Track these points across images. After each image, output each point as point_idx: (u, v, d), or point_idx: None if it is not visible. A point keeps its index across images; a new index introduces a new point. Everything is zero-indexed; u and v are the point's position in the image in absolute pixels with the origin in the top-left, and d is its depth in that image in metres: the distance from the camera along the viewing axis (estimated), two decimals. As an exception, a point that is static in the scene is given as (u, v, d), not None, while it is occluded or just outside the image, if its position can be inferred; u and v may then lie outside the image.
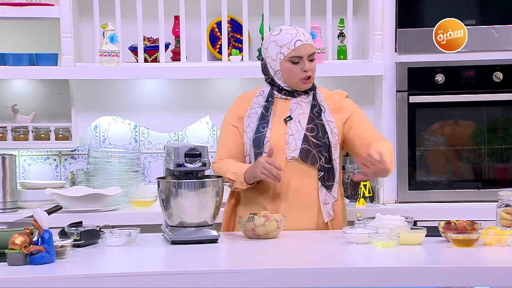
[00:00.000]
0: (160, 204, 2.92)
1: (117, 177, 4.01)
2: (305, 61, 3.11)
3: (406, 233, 2.75)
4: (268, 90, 3.21)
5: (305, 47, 3.11)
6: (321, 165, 3.11)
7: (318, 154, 3.11)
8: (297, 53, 3.11)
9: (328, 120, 3.15)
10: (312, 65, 3.14)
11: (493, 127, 3.96)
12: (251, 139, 3.15)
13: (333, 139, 3.14)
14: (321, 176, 3.11)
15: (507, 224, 2.87)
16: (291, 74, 3.13)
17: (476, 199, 3.85)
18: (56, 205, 2.83)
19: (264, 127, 3.15)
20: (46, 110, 4.23)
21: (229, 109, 3.28)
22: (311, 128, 3.13)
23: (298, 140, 3.12)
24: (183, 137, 4.30)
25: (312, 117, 3.14)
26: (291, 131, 3.13)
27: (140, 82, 4.22)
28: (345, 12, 4.02)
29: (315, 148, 3.11)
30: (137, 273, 2.40)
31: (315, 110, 3.15)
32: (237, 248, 2.84)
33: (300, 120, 3.14)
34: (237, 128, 3.19)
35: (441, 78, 3.89)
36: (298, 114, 3.15)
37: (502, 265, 2.48)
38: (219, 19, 4.10)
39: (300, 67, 3.11)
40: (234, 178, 3.09)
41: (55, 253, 2.49)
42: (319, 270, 2.43)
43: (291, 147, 3.12)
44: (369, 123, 3.26)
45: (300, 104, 3.16)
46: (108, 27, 3.96)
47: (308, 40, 3.13)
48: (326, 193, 3.13)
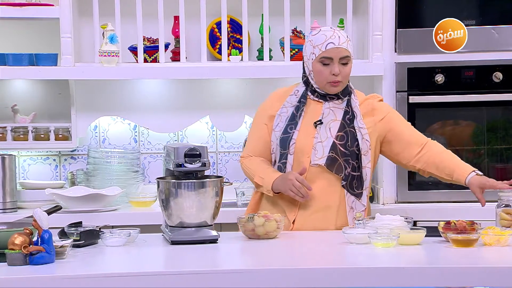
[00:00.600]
0: (160, 204, 2.92)
1: (116, 177, 4.01)
2: (336, 64, 3.08)
3: (406, 233, 2.75)
4: (302, 90, 3.19)
5: (336, 51, 3.07)
6: (346, 174, 3.10)
7: (344, 163, 3.10)
8: (327, 55, 3.08)
9: (360, 127, 3.13)
10: (345, 69, 3.09)
11: (493, 127, 3.96)
12: (278, 139, 3.15)
13: (363, 146, 3.12)
14: (344, 184, 3.10)
15: (507, 224, 2.87)
16: (320, 76, 3.11)
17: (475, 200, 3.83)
18: (55, 205, 2.83)
19: (292, 128, 3.14)
20: (45, 110, 4.23)
21: (262, 105, 3.28)
22: (340, 136, 3.11)
23: (325, 148, 3.10)
24: (182, 137, 4.30)
25: (344, 124, 3.12)
26: (320, 137, 3.11)
27: (139, 82, 4.22)
28: (344, 12, 4.02)
29: (342, 157, 3.10)
30: (137, 273, 2.40)
31: (347, 117, 3.13)
32: (237, 248, 2.84)
33: (330, 127, 3.12)
34: (266, 126, 3.20)
35: (441, 78, 3.89)
36: (329, 120, 3.13)
37: (502, 265, 2.48)
38: (219, 19, 4.10)
39: (330, 69, 3.09)
40: (261, 183, 3.12)
41: (55, 253, 2.49)
42: (319, 270, 2.43)
43: (318, 154, 3.10)
44: (407, 123, 3.25)
45: (333, 110, 3.14)
46: (108, 27, 3.96)
47: (341, 44, 3.07)
48: (355, 200, 3.12)
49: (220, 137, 4.32)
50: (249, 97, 4.22)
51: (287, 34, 4.03)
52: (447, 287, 2.45)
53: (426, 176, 3.22)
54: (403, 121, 3.26)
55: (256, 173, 3.15)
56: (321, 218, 3.10)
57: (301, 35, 4.16)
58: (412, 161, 3.18)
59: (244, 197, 4.03)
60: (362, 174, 3.12)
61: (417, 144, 3.17)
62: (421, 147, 3.17)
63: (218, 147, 4.32)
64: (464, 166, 3.11)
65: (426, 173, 3.19)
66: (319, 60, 3.11)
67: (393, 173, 3.86)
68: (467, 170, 3.08)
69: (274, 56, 4.17)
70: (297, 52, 4.08)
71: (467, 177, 3.06)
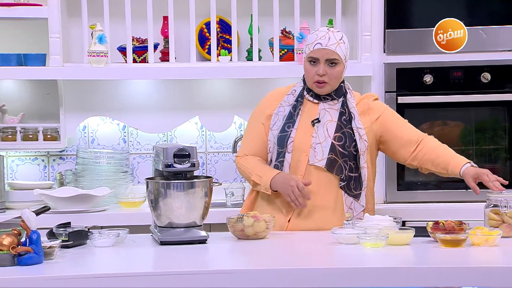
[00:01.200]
0: (149, 205, 2.91)
1: (105, 178, 4.00)
2: (321, 64, 3.09)
3: (395, 234, 2.76)
4: (300, 89, 3.21)
5: (323, 51, 3.08)
6: (345, 175, 3.11)
7: (343, 164, 3.11)
8: (313, 55, 3.10)
9: (358, 127, 3.14)
10: (332, 71, 3.10)
11: (481, 127, 3.97)
12: (275, 137, 3.16)
13: (361, 146, 3.13)
14: (343, 185, 3.11)
15: (495, 225, 2.88)
16: (308, 75, 3.15)
17: (464, 200, 3.86)
18: (44, 205, 2.82)
19: (289, 126, 3.15)
20: (34, 111, 4.22)
21: (260, 104, 3.28)
22: (338, 137, 3.12)
23: (325, 149, 3.11)
24: (172, 137, 4.29)
25: (340, 125, 3.13)
26: (318, 137, 3.12)
27: (128, 83, 4.21)
28: (334, 12, 4.03)
29: (341, 158, 3.11)
30: (126, 274, 2.40)
31: (343, 118, 3.14)
32: (226, 249, 2.84)
33: (328, 128, 3.13)
34: (263, 125, 3.20)
35: (429, 78, 3.91)
36: (326, 121, 3.14)
37: (490, 265, 2.49)
38: (208, 19, 4.10)
39: (316, 69, 3.11)
40: (259, 182, 3.12)
41: (43, 254, 2.48)
42: (308, 270, 2.43)
43: (317, 156, 3.11)
44: (403, 121, 3.25)
45: (328, 111, 3.15)
46: (97, 28, 3.95)
47: (329, 46, 3.08)
48: (353, 201, 3.13)
49: (210, 138, 4.31)
50: (239, 97, 4.22)
51: (276, 34, 4.03)
52: (435, 287, 2.45)
53: (425, 172, 3.23)
54: (399, 118, 3.26)
55: (254, 172, 3.15)
56: (317, 218, 3.10)
57: (290, 35, 4.16)
58: (408, 159, 3.19)
59: (234, 198, 4.03)
60: (360, 174, 3.13)
61: (412, 142, 3.18)
62: (416, 144, 3.18)
63: (208, 147, 4.32)
64: (459, 158, 3.12)
65: (424, 169, 3.21)
66: (307, 59, 3.13)
67: (382, 173, 3.87)
68: (462, 162, 3.09)
69: (264, 57, 4.17)
70: (286, 53, 4.09)
71: (461, 169, 3.07)
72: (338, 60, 3.11)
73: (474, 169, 3.06)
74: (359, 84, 4.10)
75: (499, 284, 2.41)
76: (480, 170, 3.04)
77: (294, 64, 4.00)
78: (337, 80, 3.14)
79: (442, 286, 2.45)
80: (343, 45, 3.12)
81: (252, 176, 3.15)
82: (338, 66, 3.11)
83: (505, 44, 3.89)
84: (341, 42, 3.11)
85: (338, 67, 3.11)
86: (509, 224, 2.88)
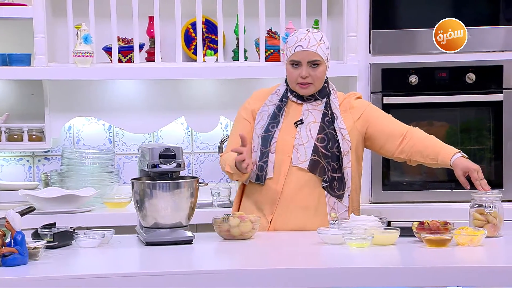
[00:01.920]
0: (135, 205, 2.91)
1: (91, 178, 3.99)
2: (304, 66, 3.10)
3: (380, 234, 2.77)
4: (283, 89, 3.21)
5: (304, 53, 3.09)
6: (328, 176, 3.11)
7: (326, 165, 3.10)
8: (295, 58, 3.11)
9: (341, 128, 3.14)
10: (315, 71, 3.11)
11: (467, 128, 3.99)
12: (259, 136, 3.16)
13: (344, 147, 3.13)
14: (325, 186, 3.11)
15: (479, 225, 2.90)
16: (290, 77, 3.15)
17: (449, 200, 3.88)
18: (29, 206, 2.81)
19: (274, 126, 3.15)
20: (19, 111, 4.20)
21: (245, 103, 3.28)
22: (321, 138, 3.12)
23: (308, 150, 3.11)
24: (158, 138, 4.29)
25: (323, 126, 3.13)
26: (301, 138, 3.13)
27: (114, 83, 4.20)
28: (319, 13, 4.03)
29: (324, 159, 3.11)
30: (111, 275, 2.39)
31: (326, 119, 3.14)
32: (212, 249, 2.83)
33: (311, 129, 3.14)
34: (249, 123, 3.20)
35: (414, 79, 3.92)
36: (309, 122, 3.15)
37: (475, 265, 2.50)
38: (194, 19, 4.09)
39: (299, 72, 3.11)
40: (230, 171, 3.11)
41: (28, 255, 2.47)
42: (294, 270, 2.44)
43: (300, 157, 3.11)
44: (386, 115, 3.25)
45: (312, 112, 3.16)
46: (82, 28, 3.93)
47: (310, 47, 3.09)
48: (336, 201, 3.12)
49: (196, 138, 4.31)
50: (225, 97, 4.22)
51: (262, 35, 4.03)
52: (420, 287, 2.46)
53: (414, 165, 3.22)
54: (381, 113, 3.26)
55: (226, 164, 3.14)
56: (299, 218, 3.11)
57: (276, 36, 4.16)
58: (396, 152, 3.18)
59: (220, 198, 4.03)
60: (343, 175, 3.13)
61: (397, 135, 3.17)
62: (402, 137, 3.17)
63: (194, 147, 4.31)
64: (448, 148, 3.11)
65: (413, 161, 3.19)
66: (289, 62, 3.14)
67: (368, 173, 3.88)
68: (451, 152, 3.08)
69: (250, 57, 4.17)
70: (272, 53, 4.09)
71: (451, 159, 3.06)
72: (320, 61, 3.12)
73: (465, 162, 3.04)
74: (345, 84, 4.10)
75: (483, 284, 2.42)
76: (471, 165, 3.02)
77: (280, 64, 4.00)
78: (320, 80, 3.15)
79: (427, 286, 2.46)
80: (324, 45, 3.13)
81: (226, 168, 3.14)
82: (321, 66, 3.12)
83: (489, 45, 3.91)
84: (321, 42, 3.12)
85: (320, 67, 3.12)
86: (493, 224, 2.90)
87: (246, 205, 3.20)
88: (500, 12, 3.94)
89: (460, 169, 3.03)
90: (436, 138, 3.18)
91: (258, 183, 3.15)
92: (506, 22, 3.92)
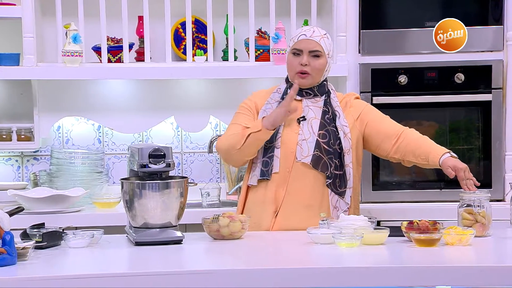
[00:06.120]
0: (124, 205, 2.90)
1: (80, 178, 3.98)
2: (305, 55, 3.13)
3: (370, 233, 2.77)
4: (284, 87, 3.23)
5: (307, 42, 3.14)
6: (331, 172, 3.12)
7: (329, 161, 3.12)
8: (297, 46, 3.15)
9: (343, 125, 3.16)
10: (315, 62, 3.14)
11: (456, 127, 4.00)
12: None
13: (346, 144, 3.14)
14: (329, 183, 3.12)
15: (468, 224, 2.91)
16: (290, 66, 3.18)
17: (438, 199, 3.89)
18: (18, 206, 2.80)
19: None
20: (8, 111, 4.18)
21: (246, 99, 3.28)
22: (322, 134, 3.14)
23: (310, 145, 3.13)
24: (147, 137, 4.28)
25: (324, 123, 3.15)
26: (303, 134, 3.14)
27: (103, 83, 4.19)
28: (309, 13, 4.04)
29: (327, 155, 3.12)
30: (100, 275, 2.39)
31: (326, 116, 3.16)
32: (202, 249, 2.83)
33: (312, 125, 3.16)
34: (253, 114, 3.21)
35: (404, 79, 3.93)
36: (310, 118, 3.17)
37: (464, 265, 2.51)
38: (184, 19, 4.09)
39: (299, 60, 3.14)
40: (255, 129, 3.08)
41: (17, 255, 2.47)
42: (283, 270, 2.44)
43: (303, 153, 3.13)
44: (383, 116, 3.27)
45: (312, 108, 3.18)
46: (71, 27, 3.92)
47: (313, 37, 3.14)
48: (339, 199, 3.14)
49: (185, 138, 4.31)
50: (214, 97, 4.22)
51: (252, 34, 4.03)
52: (409, 286, 2.47)
53: (408, 165, 3.24)
54: (379, 114, 3.29)
55: (240, 132, 3.11)
56: (303, 216, 3.11)
57: (266, 35, 4.17)
58: (391, 152, 3.21)
59: (209, 198, 4.03)
60: (345, 172, 3.14)
61: (393, 134, 3.20)
62: (397, 137, 3.20)
63: (183, 147, 4.31)
64: (439, 148, 3.14)
65: (406, 161, 3.22)
66: (291, 51, 3.17)
67: (357, 173, 3.88)
68: (441, 152, 3.11)
69: (239, 57, 4.17)
70: (262, 53, 4.09)
71: (440, 158, 3.09)
72: (321, 53, 3.15)
73: (453, 160, 3.07)
74: (334, 84, 4.07)
75: (472, 283, 2.43)
76: (459, 164, 3.05)
77: (270, 64, 4.00)
78: (319, 73, 3.17)
79: (416, 286, 2.46)
80: (327, 40, 3.18)
81: (240, 134, 3.10)
82: (321, 59, 3.15)
83: (478, 45, 3.92)
84: (325, 36, 3.18)
85: (321, 59, 3.15)
86: (482, 224, 2.91)
87: (250, 206, 3.20)
88: (488, 12, 3.96)
89: (447, 167, 3.06)
90: (429, 139, 3.21)
91: (264, 179, 3.15)
92: (495, 22, 3.93)
